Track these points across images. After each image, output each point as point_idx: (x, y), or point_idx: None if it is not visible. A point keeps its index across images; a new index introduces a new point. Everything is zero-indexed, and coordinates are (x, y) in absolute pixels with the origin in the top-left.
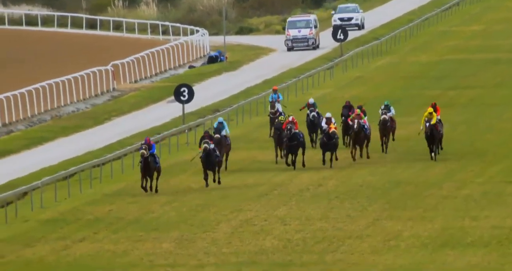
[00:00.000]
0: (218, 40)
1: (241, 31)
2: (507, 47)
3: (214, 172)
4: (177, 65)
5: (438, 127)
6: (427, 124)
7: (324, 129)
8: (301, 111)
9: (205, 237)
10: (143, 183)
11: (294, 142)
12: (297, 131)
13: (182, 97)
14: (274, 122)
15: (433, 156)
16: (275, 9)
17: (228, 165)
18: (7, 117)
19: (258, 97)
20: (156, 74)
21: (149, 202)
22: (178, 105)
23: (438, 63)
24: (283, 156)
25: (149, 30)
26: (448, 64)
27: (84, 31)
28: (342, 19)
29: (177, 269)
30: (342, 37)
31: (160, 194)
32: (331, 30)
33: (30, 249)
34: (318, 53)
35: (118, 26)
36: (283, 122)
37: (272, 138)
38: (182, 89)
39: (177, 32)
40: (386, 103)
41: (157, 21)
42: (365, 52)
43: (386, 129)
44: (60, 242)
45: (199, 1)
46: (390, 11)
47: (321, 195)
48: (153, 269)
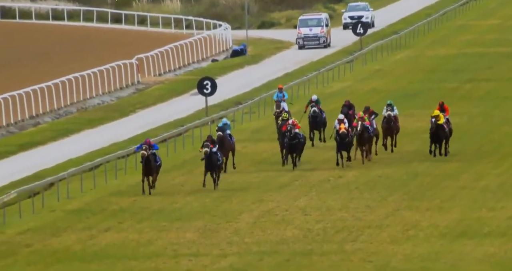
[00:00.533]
0: (240, 34)
1: (262, 25)
2: None
3: (215, 174)
4: (200, 58)
5: (444, 127)
6: (433, 120)
7: (336, 129)
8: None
9: (227, 227)
10: (144, 183)
11: (295, 141)
12: (297, 131)
13: (205, 90)
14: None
15: (440, 152)
16: (296, 3)
17: (251, 156)
18: (34, 110)
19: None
20: (179, 68)
21: (172, 193)
22: (201, 98)
23: (456, 57)
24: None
25: (172, 24)
26: (465, 57)
27: (109, 26)
28: (352, 18)
29: (200, 258)
30: (361, 31)
31: (183, 185)
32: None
33: (57, 239)
34: (338, 47)
35: (142, 21)
36: (286, 120)
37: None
38: (205, 82)
39: (200, 26)
40: (389, 102)
41: (180, 16)
42: (384, 46)
43: (391, 127)
44: (86, 232)
45: None
46: (405, 7)
47: (341, 186)
48: (176, 258)
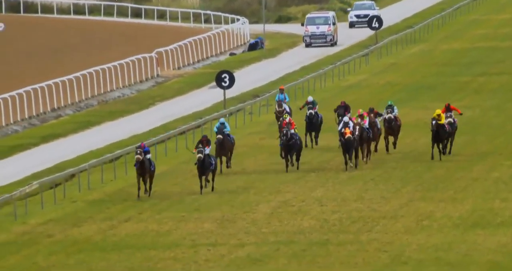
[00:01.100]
0: (258, 28)
1: (279, 20)
2: None
3: (206, 178)
4: (218, 52)
5: (445, 127)
6: (434, 121)
7: (341, 132)
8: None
9: (245, 217)
10: (139, 185)
11: (291, 141)
12: (293, 132)
13: (223, 83)
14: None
15: (437, 155)
16: None
17: (268, 148)
18: (56, 102)
19: (296, 83)
20: (198, 61)
21: (191, 184)
22: (220, 91)
23: (469, 51)
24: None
25: (191, 19)
26: (478, 51)
27: (129, 20)
28: (358, 16)
29: (218, 248)
30: (377, 25)
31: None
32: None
33: (78, 229)
34: (354, 40)
35: (162, 15)
36: (285, 120)
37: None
38: (223, 75)
39: (218, 20)
40: (389, 103)
41: (199, 10)
42: (399, 40)
43: (392, 127)
44: (106, 222)
45: None
46: (419, 2)
47: (356, 177)
48: (195, 248)
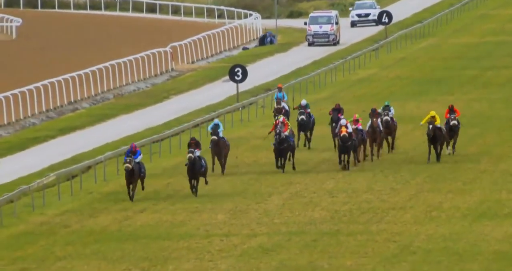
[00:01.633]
0: (270, 23)
1: (291, 15)
2: None
3: (197, 181)
4: (231, 46)
5: (441, 129)
6: (431, 126)
7: (337, 132)
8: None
9: (257, 208)
10: (130, 190)
11: (284, 145)
12: (286, 134)
13: (236, 77)
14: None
15: (433, 157)
16: None
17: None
18: (73, 96)
19: (307, 76)
20: (212, 55)
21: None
22: (233, 84)
23: (477, 45)
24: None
25: (205, 14)
26: (486, 45)
27: (144, 15)
28: (359, 15)
29: (231, 238)
30: (386, 20)
31: (215, 168)
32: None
33: (94, 220)
34: (364, 35)
35: (176, 10)
36: (277, 120)
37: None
38: (236, 69)
39: (231, 16)
40: (386, 104)
41: (213, 6)
42: (408, 34)
43: (389, 127)
44: (121, 213)
45: None
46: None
47: (366, 169)
48: (209, 238)
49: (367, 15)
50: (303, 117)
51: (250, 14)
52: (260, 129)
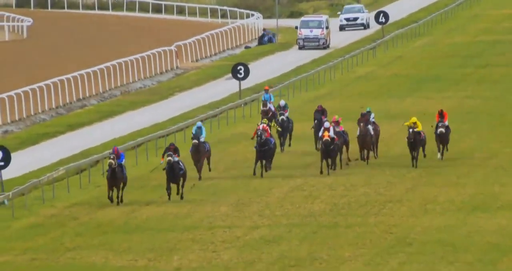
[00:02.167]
0: (271, 23)
1: (292, 15)
2: None
3: (178, 185)
4: (234, 45)
5: (421, 134)
6: (411, 130)
7: (320, 136)
8: (300, 114)
9: (259, 201)
10: (110, 193)
11: (265, 147)
12: (268, 138)
13: (238, 75)
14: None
15: (414, 163)
16: None
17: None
18: (81, 93)
19: (307, 74)
20: (215, 54)
21: (207, 170)
22: (235, 82)
23: (471, 44)
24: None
25: (209, 14)
26: (479, 44)
27: (150, 15)
28: (348, 19)
29: (233, 230)
30: (383, 20)
31: (218, 162)
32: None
33: (102, 212)
34: (362, 34)
35: (181, 10)
36: (259, 125)
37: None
38: (238, 67)
39: (234, 16)
40: (368, 110)
41: (216, 6)
42: (404, 34)
43: (375, 132)
44: (128, 206)
45: None
46: (420, 0)
47: (364, 163)
48: (212, 229)
49: (356, 19)
50: (283, 117)
51: (252, 14)
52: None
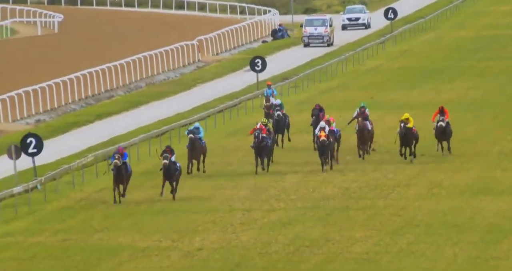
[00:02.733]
0: (287, 19)
1: (306, 11)
2: None
3: (172, 183)
4: (252, 40)
5: (413, 131)
6: (402, 124)
7: (316, 135)
8: (295, 111)
9: (276, 186)
10: (115, 192)
11: (263, 143)
12: (264, 135)
13: (256, 67)
14: (268, 115)
15: (410, 157)
16: None
17: (296, 124)
18: (109, 84)
19: (321, 67)
20: (234, 48)
21: (228, 157)
22: (253, 74)
23: (474, 38)
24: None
25: (228, 11)
26: (482, 39)
27: (173, 11)
28: (350, 19)
29: (252, 212)
30: (392, 16)
31: (238, 150)
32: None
33: (129, 196)
34: (372, 29)
35: (202, 7)
36: (256, 126)
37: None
38: (256, 60)
39: (252, 12)
40: (362, 105)
41: (235, 3)
42: (412, 29)
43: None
44: (154, 190)
45: None
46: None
47: (373, 151)
48: (232, 212)
49: (357, 19)
50: (279, 113)
51: (269, 11)
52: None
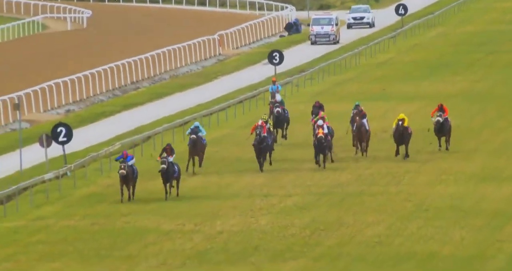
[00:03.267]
0: (303, 14)
1: (321, 7)
2: None
3: (171, 185)
4: (270, 34)
5: (408, 130)
6: (400, 122)
7: (315, 133)
8: (295, 105)
9: (292, 172)
10: (122, 193)
11: (263, 144)
12: (265, 135)
13: (274, 60)
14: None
15: (405, 155)
16: None
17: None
18: (135, 76)
19: (334, 60)
20: (253, 42)
21: (248, 144)
22: (271, 67)
23: (480, 33)
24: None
25: (247, 7)
26: (488, 33)
27: (195, 7)
28: (355, 18)
29: (270, 198)
30: (403, 11)
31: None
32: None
33: (153, 182)
34: (383, 25)
35: (223, 3)
36: (256, 123)
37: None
38: (274, 54)
39: (270, 8)
40: (357, 103)
41: None
42: (421, 24)
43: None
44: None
45: None
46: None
47: (385, 139)
48: (251, 198)
49: (362, 18)
50: (279, 109)
51: (286, 7)
52: (293, 105)
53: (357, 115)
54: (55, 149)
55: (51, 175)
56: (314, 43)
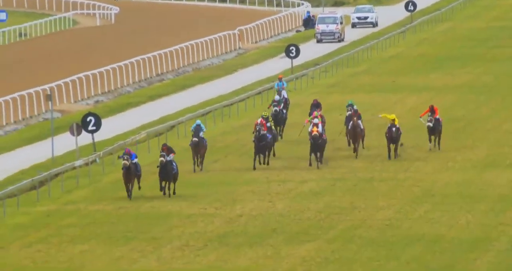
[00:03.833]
0: (318, 11)
1: (335, 4)
2: None
3: (169, 182)
4: (287, 29)
5: (399, 130)
6: (390, 124)
7: (310, 131)
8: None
9: (307, 160)
10: (128, 188)
11: (263, 143)
12: (265, 133)
13: (291, 54)
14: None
15: (391, 155)
16: None
17: (326, 105)
18: (160, 69)
19: (347, 54)
20: (271, 36)
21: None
22: (288, 60)
23: (485, 28)
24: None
25: (266, 3)
26: (492, 29)
27: (217, 4)
28: (359, 18)
29: (286, 184)
30: (412, 8)
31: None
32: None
33: (179, 166)
34: (393, 20)
35: (243, 0)
36: (266, 118)
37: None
38: (291, 48)
39: (287, 4)
40: (350, 103)
41: None
42: (429, 20)
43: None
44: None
45: None
46: None
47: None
48: (269, 183)
49: (366, 18)
50: (277, 108)
51: (302, 3)
52: (310, 95)
53: (354, 116)
54: (85, 138)
55: (81, 162)
56: (319, 41)
